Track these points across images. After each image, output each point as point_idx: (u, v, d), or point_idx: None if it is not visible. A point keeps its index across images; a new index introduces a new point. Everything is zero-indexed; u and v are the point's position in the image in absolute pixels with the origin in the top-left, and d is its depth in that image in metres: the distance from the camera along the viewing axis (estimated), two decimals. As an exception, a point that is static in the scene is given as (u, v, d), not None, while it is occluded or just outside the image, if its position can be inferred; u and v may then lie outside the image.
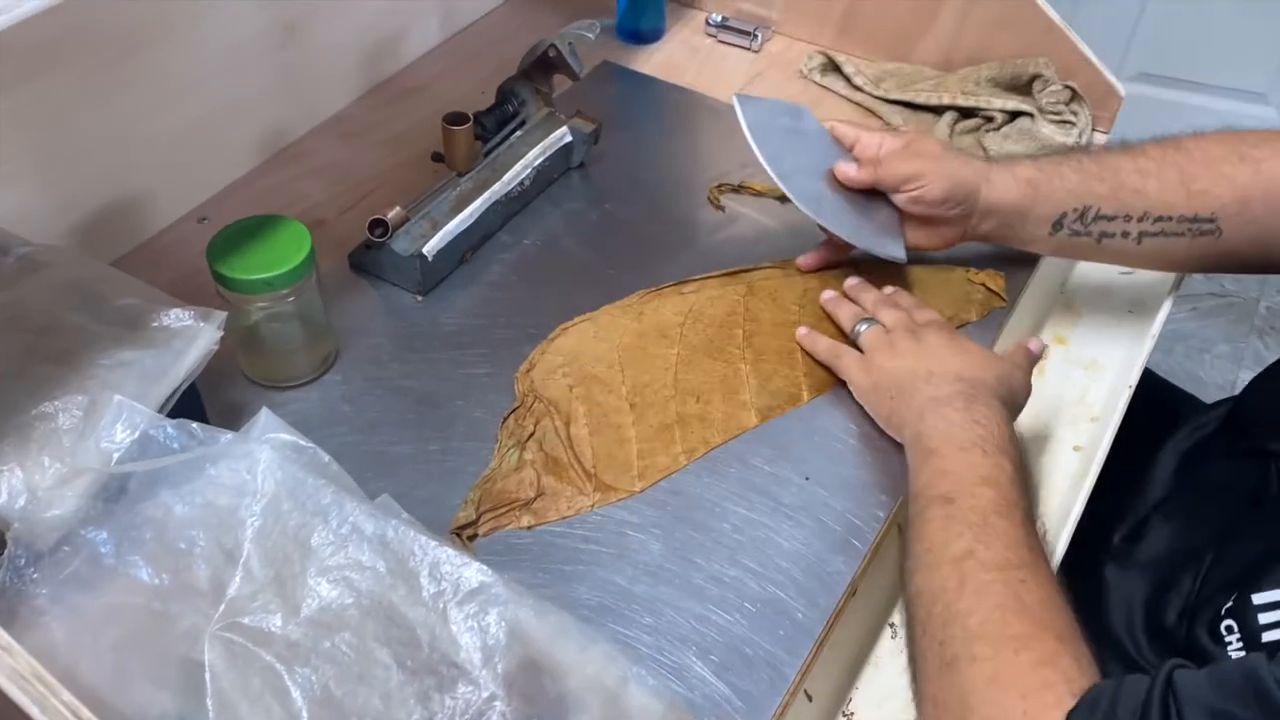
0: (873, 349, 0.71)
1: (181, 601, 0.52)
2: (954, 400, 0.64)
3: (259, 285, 0.65)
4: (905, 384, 0.67)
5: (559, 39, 0.86)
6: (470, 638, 0.51)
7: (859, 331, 0.73)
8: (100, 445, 0.53)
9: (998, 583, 0.53)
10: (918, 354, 0.69)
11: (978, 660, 0.50)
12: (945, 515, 0.57)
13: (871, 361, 0.70)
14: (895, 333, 0.71)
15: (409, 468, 0.67)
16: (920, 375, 0.67)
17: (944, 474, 0.60)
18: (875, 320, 0.73)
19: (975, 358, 0.68)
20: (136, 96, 0.76)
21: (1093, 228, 0.74)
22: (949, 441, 0.62)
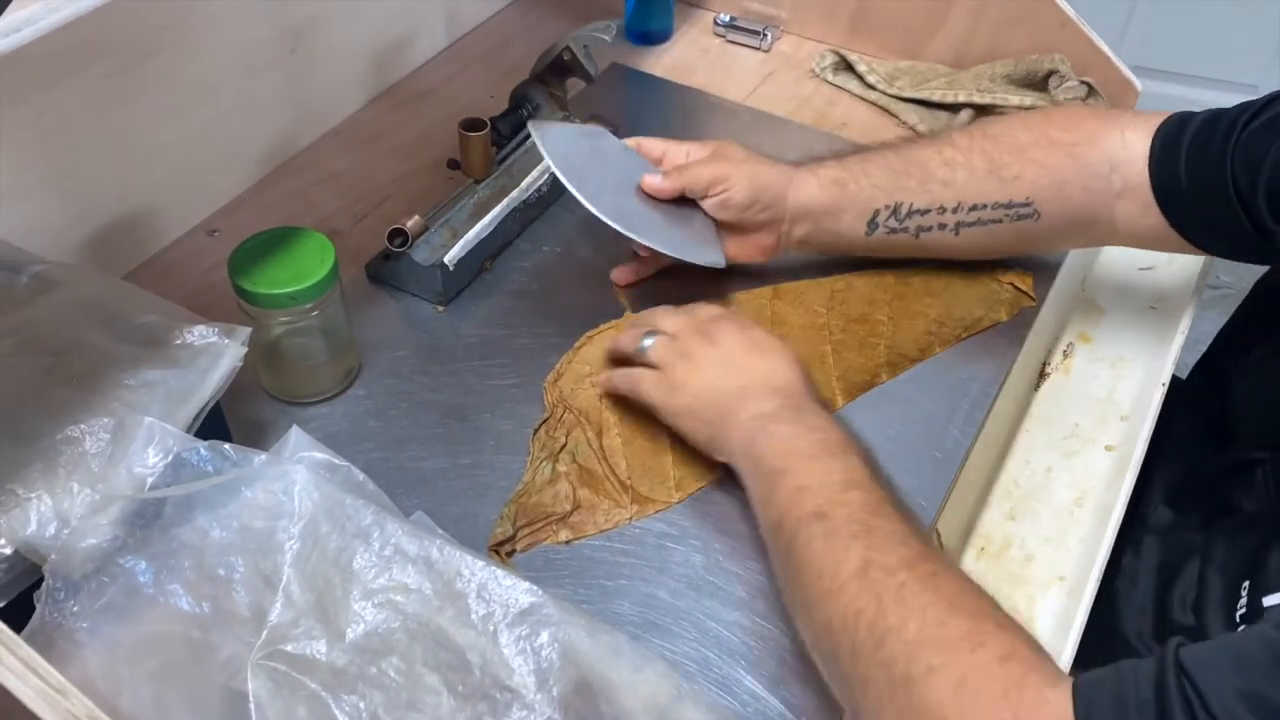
0: (667, 363, 0.65)
1: (222, 630, 0.51)
2: (780, 415, 0.60)
3: (283, 300, 0.63)
4: (720, 407, 0.63)
5: (573, 41, 0.84)
6: (523, 660, 0.50)
7: (645, 347, 0.67)
8: (133, 470, 0.52)
9: (912, 583, 0.50)
10: (718, 362, 0.64)
11: (935, 670, 0.47)
12: (824, 532, 0.53)
13: (672, 379, 0.65)
14: (683, 338, 0.66)
15: (441, 483, 0.66)
16: (732, 394, 0.63)
17: (803, 490, 0.56)
18: (657, 331, 0.68)
19: (773, 356, 0.65)
20: (144, 107, 0.75)
21: (908, 223, 0.73)
22: (794, 455, 0.58)
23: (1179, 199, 0.69)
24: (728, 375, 0.64)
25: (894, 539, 0.52)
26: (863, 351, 0.74)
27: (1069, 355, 0.83)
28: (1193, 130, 0.68)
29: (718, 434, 0.63)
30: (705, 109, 0.99)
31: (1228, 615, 0.64)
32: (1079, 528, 0.71)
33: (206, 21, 0.76)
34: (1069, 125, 0.72)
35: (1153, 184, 0.69)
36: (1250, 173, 0.64)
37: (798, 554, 0.54)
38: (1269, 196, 0.63)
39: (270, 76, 0.84)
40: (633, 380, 0.67)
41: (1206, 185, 0.66)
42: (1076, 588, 0.66)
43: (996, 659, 0.46)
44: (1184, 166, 0.67)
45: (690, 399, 0.64)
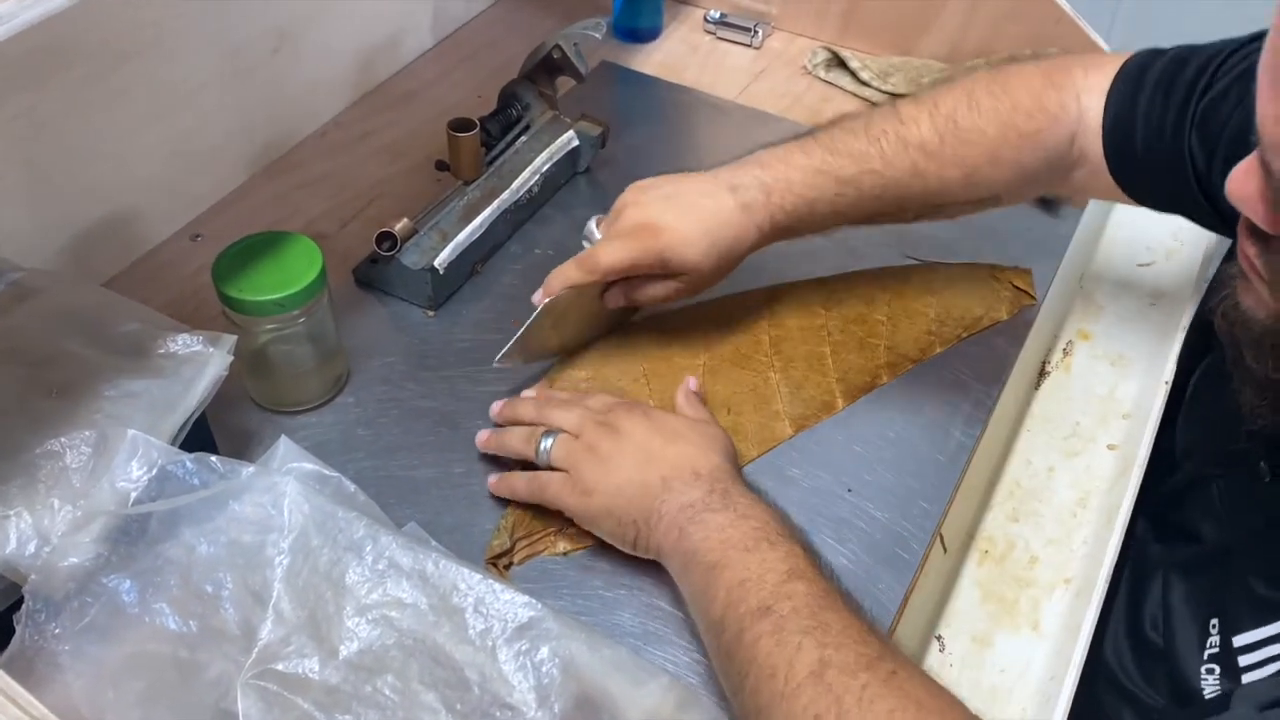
0: (573, 464, 0.60)
1: (210, 648, 0.49)
2: (708, 502, 0.56)
3: (269, 306, 0.62)
4: (642, 505, 0.57)
5: (563, 39, 0.83)
6: (523, 676, 0.49)
7: (545, 450, 0.61)
8: (116, 484, 0.50)
9: (873, 684, 0.46)
10: (629, 455, 0.59)
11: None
12: (772, 628, 0.49)
13: (583, 482, 0.59)
14: (586, 434, 0.61)
15: (433, 493, 0.64)
16: (654, 487, 0.57)
17: (744, 584, 0.52)
18: (555, 430, 0.62)
19: (690, 438, 0.60)
20: (125, 109, 0.73)
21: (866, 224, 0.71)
22: (729, 546, 0.53)
23: (1134, 169, 0.66)
24: (644, 468, 0.58)
25: (849, 635, 0.49)
26: (862, 352, 0.73)
27: (1069, 353, 0.82)
28: (1153, 81, 0.64)
29: (643, 533, 0.58)
30: (696, 107, 0.98)
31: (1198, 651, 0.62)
32: (1083, 529, 0.70)
33: (188, 22, 0.74)
34: (1032, 110, 0.67)
35: (1106, 155, 0.66)
36: (1207, 149, 0.61)
37: (743, 654, 0.50)
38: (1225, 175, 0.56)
39: (253, 77, 0.82)
40: (539, 485, 0.61)
41: (1163, 159, 0.63)
42: (1084, 589, 0.65)
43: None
44: (1140, 133, 0.64)
45: (607, 500, 0.58)
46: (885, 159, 0.67)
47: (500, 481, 0.63)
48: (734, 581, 0.52)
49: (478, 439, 0.66)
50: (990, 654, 0.64)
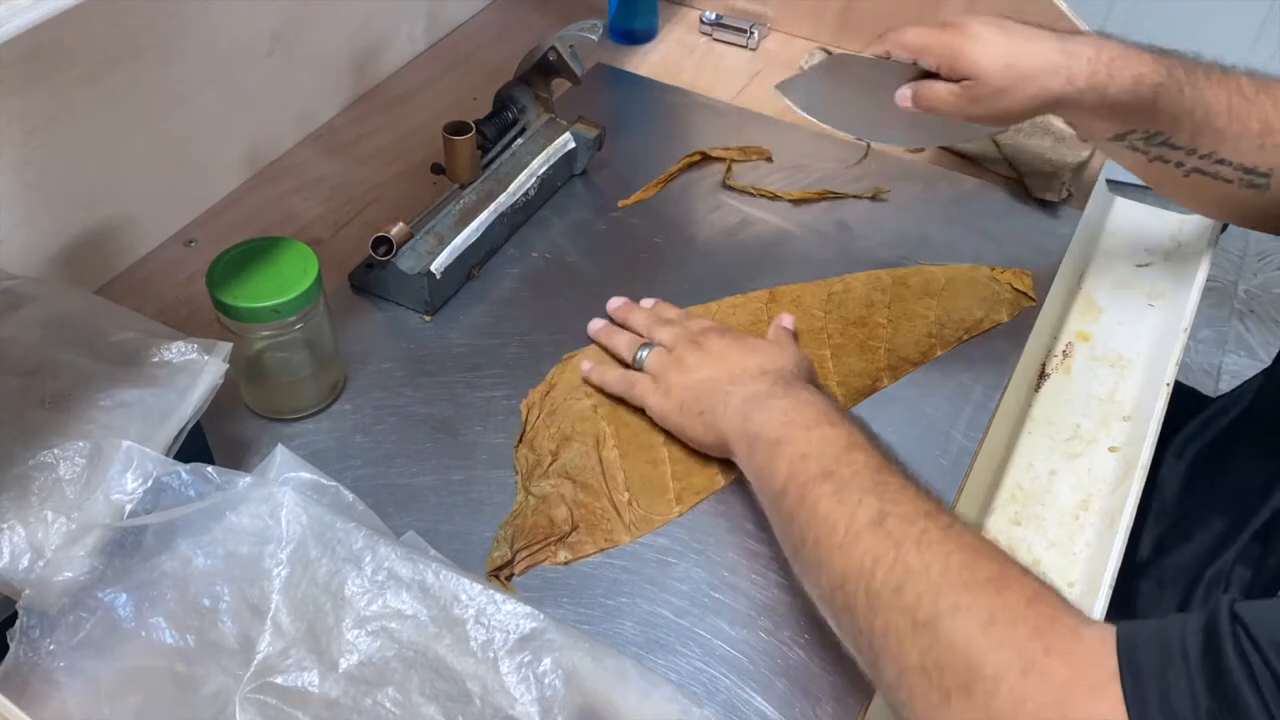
0: (662, 372, 0.66)
1: (208, 662, 0.48)
2: (773, 391, 0.60)
3: (265, 313, 0.61)
4: (711, 395, 0.63)
5: (559, 41, 0.82)
6: (525, 688, 0.48)
7: (641, 359, 0.69)
8: (111, 496, 0.49)
9: (932, 530, 0.48)
10: (710, 363, 0.65)
11: (962, 609, 0.45)
12: (834, 489, 0.52)
13: (666, 384, 0.66)
14: (678, 349, 0.67)
15: (432, 501, 0.63)
16: (723, 381, 0.63)
17: (805, 457, 0.55)
18: (653, 344, 0.69)
19: (766, 351, 0.65)
20: (118, 114, 0.72)
21: (1152, 149, 0.70)
22: (790, 426, 0.57)
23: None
24: (718, 368, 0.64)
25: (906, 493, 0.51)
26: (862, 355, 0.73)
27: (1068, 355, 0.81)
28: None
29: (712, 422, 0.62)
30: (693, 109, 0.97)
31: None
32: (1085, 532, 0.70)
33: (182, 25, 0.74)
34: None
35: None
36: None
37: (805, 515, 0.53)
38: None
39: (247, 80, 0.82)
40: (628, 382, 0.68)
41: None
42: (1088, 592, 0.64)
43: (1024, 600, 0.45)
44: None
45: (682, 396, 0.65)
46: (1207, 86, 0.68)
47: (595, 370, 0.70)
48: (796, 455, 0.55)
49: (591, 327, 0.74)
50: (994, 659, 0.64)
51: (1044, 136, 0.90)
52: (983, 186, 0.89)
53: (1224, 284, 1.98)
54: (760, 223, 0.85)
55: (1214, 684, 0.40)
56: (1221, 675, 0.40)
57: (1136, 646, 0.42)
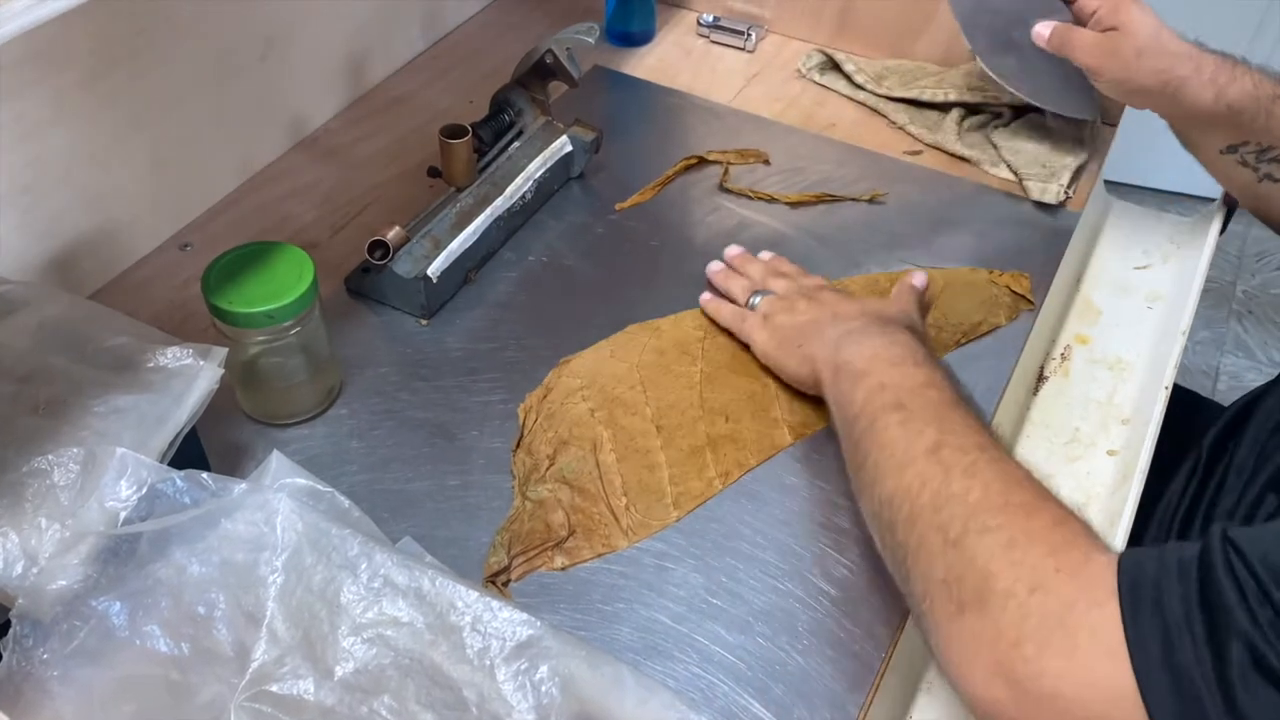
0: (773, 313, 0.71)
1: (202, 671, 0.48)
2: (868, 329, 0.64)
3: (260, 319, 0.61)
4: (811, 330, 0.68)
5: (555, 44, 0.82)
6: (522, 696, 0.48)
7: (754, 303, 0.73)
8: (105, 504, 0.49)
9: (981, 461, 0.52)
10: (817, 308, 0.70)
11: (989, 530, 0.48)
12: (901, 419, 0.56)
13: (773, 324, 0.71)
14: (790, 298, 0.72)
15: (429, 506, 0.63)
16: (825, 320, 0.68)
17: (883, 388, 0.59)
18: (769, 291, 0.73)
19: (872, 301, 0.70)
20: (112, 117, 0.72)
21: (1263, 166, 0.73)
22: (876, 360, 0.61)
23: None
24: (823, 311, 0.69)
25: (968, 428, 0.55)
26: (860, 359, 0.73)
27: (1067, 358, 0.81)
28: None
29: (807, 354, 0.67)
30: (690, 111, 0.97)
31: None
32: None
33: (177, 28, 0.73)
34: None
35: None
36: None
37: (872, 439, 0.57)
38: None
39: (242, 83, 0.81)
40: (739, 318, 0.73)
41: None
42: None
43: (1050, 524, 0.48)
44: None
45: (785, 333, 0.69)
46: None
47: (711, 301, 0.75)
48: (875, 385, 0.59)
49: (710, 268, 0.78)
50: (993, 664, 0.64)
51: (1043, 139, 0.90)
52: (981, 189, 0.89)
53: (1222, 285, 1.98)
54: (758, 225, 0.85)
55: (1204, 594, 0.42)
56: (1211, 586, 0.42)
57: (1137, 565, 0.44)
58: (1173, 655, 0.41)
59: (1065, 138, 0.90)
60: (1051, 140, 0.90)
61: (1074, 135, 0.90)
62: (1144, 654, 0.42)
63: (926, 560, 0.50)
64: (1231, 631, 0.40)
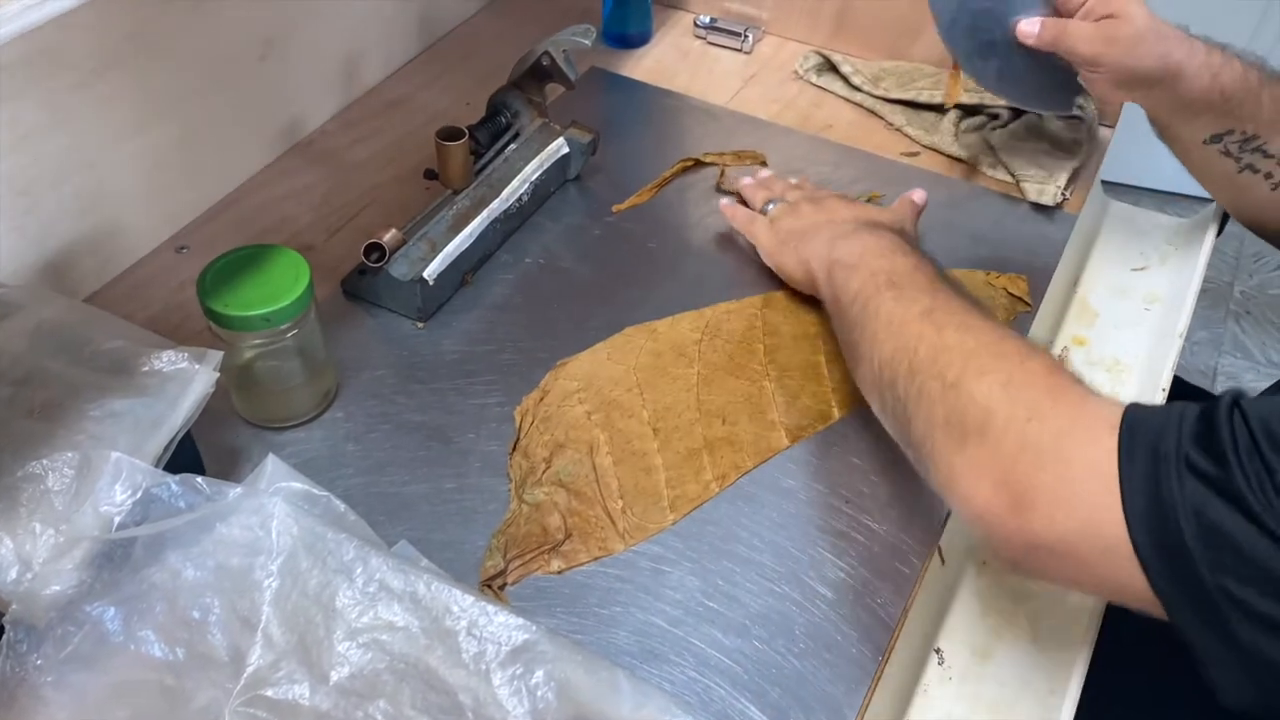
0: (779, 217, 0.77)
1: (197, 675, 0.48)
2: (859, 230, 0.69)
3: (257, 322, 0.60)
4: (808, 231, 0.73)
5: (552, 46, 0.82)
6: (517, 701, 0.48)
7: (768, 210, 0.79)
8: (99, 508, 0.49)
9: (974, 317, 0.57)
10: (818, 212, 0.75)
11: (987, 371, 0.52)
12: (894, 295, 0.61)
13: (779, 225, 0.76)
14: (799, 203, 0.78)
15: (425, 509, 0.63)
16: (821, 224, 0.73)
17: (875, 274, 0.63)
18: (783, 199, 0.79)
19: (870, 210, 0.76)
20: (108, 120, 0.71)
21: (1245, 156, 0.72)
22: (867, 253, 0.66)
23: None
24: (822, 215, 0.75)
25: (959, 299, 0.59)
26: (857, 361, 0.73)
27: (1064, 359, 0.81)
28: None
29: (803, 254, 0.72)
30: (687, 112, 0.97)
31: None
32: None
33: (173, 30, 0.73)
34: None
35: None
36: None
37: (868, 316, 0.61)
38: None
39: (239, 86, 0.81)
40: (749, 221, 0.79)
41: None
42: (1085, 600, 0.64)
43: (1045, 370, 0.52)
44: None
45: (786, 235, 0.75)
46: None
47: (729, 207, 0.81)
48: (868, 273, 0.64)
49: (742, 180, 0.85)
50: (990, 667, 0.64)
51: (1039, 139, 0.90)
52: (977, 190, 0.89)
53: (1219, 285, 1.98)
54: (755, 227, 0.84)
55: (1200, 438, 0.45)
56: (1209, 433, 0.44)
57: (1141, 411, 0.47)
58: (1159, 487, 0.44)
59: (1062, 139, 0.90)
60: (1049, 142, 0.90)
61: (1071, 137, 0.90)
62: (1132, 484, 0.45)
63: (928, 406, 0.54)
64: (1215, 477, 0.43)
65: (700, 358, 0.72)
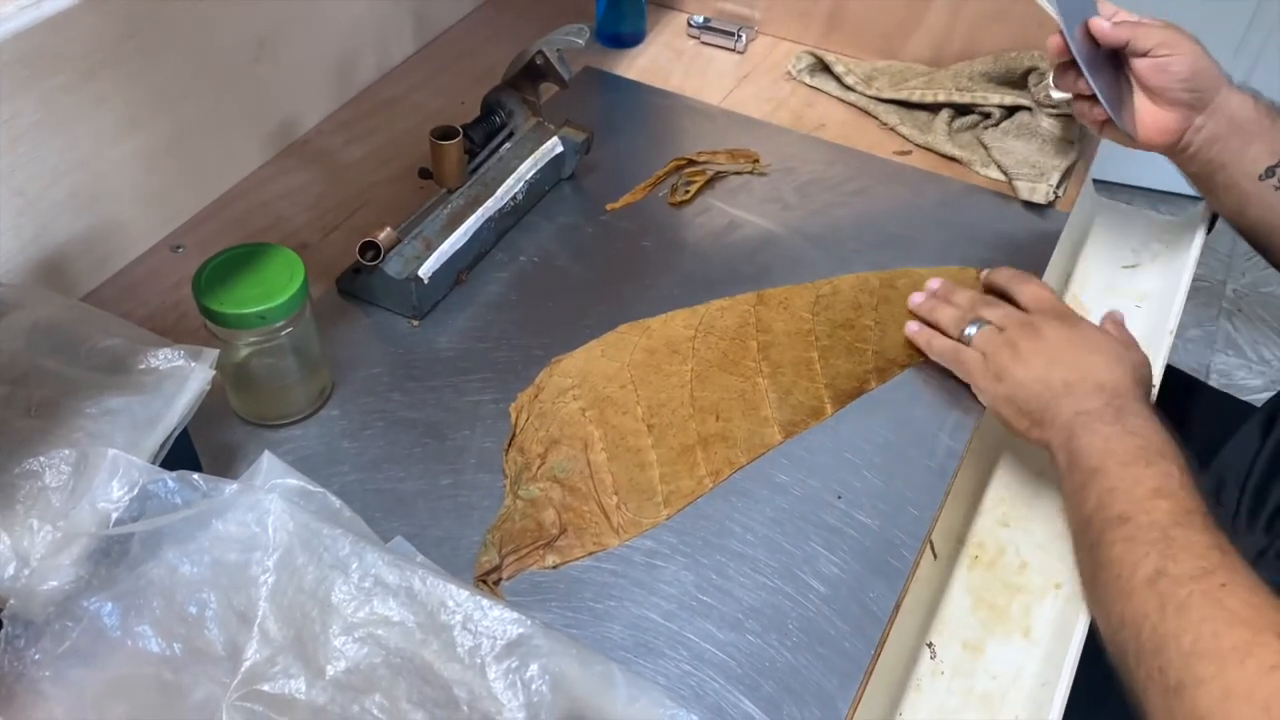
0: (994, 352, 0.68)
1: (194, 670, 0.48)
2: (1103, 415, 0.62)
3: (252, 320, 0.61)
4: (1044, 401, 0.65)
5: (546, 45, 0.82)
6: (512, 694, 0.48)
7: (970, 335, 0.70)
8: (96, 505, 0.49)
9: (1196, 595, 0.52)
10: (1046, 358, 0.66)
11: (1204, 681, 0.49)
12: (1125, 537, 0.56)
13: (997, 366, 0.67)
14: (1011, 330, 0.68)
15: (420, 506, 0.63)
16: (1058, 389, 0.64)
17: (1112, 492, 0.58)
18: (983, 321, 0.70)
19: (1104, 352, 0.66)
20: (104, 119, 0.72)
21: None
22: (1109, 458, 0.60)
23: None
24: (1053, 370, 0.65)
25: (1190, 551, 0.54)
26: (850, 358, 0.73)
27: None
28: None
29: (1037, 426, 0.65)
30: (681, 112, 0.97)
31: None
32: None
33: (168, 30, 0.73)
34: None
35: None
36: None
37: (1100, 553, 0.57)
38: None
39: (234, 85, 0.82)
40: (956, 354, 0.70)
41: None
42: (1075, 594, 0.65)
43: (1264, 670, 0.48)
44: None
45: (1012, 388, 0.66)
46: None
47: (922, 332, 0.73)
48: (1105, 488, 0.59)
49: (913, 299, 0.75)
50: (982, 661, 0.64)
51: (1031, 138, 0.90)
52: (970, 189, 0.89)
53: (1212, 283, 1.99)
54: (748, 225, 0.85)
55: None
56: None
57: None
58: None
59: (1054, 138, 0.90)
60: (1041, 141, 0.90)
61: (1063, 136, 0.90)
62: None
63: (1152, 702, 0.52)
64: None
65: (694, 354, 0.73)
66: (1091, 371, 0.65)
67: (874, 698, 0.60)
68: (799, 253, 0.82)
